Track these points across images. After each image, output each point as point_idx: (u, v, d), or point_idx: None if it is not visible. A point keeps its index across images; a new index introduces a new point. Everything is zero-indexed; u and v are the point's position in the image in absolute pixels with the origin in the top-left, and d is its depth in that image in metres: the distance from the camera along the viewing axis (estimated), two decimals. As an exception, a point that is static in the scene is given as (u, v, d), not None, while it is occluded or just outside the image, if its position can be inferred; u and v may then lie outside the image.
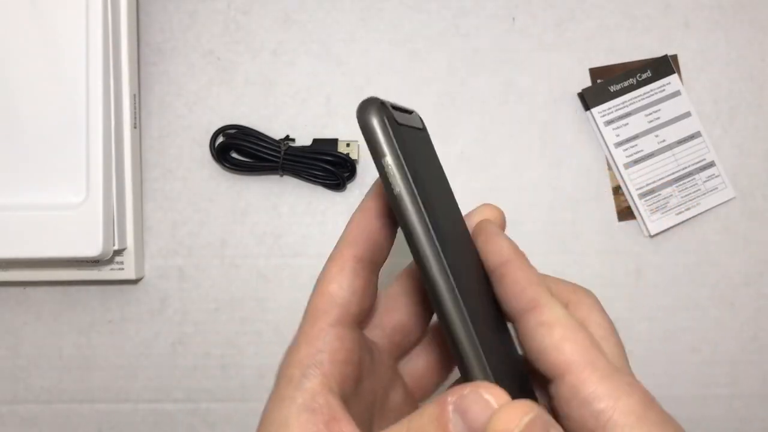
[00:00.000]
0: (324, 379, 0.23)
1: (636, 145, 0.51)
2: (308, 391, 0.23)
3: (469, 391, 0.20)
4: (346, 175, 0.50)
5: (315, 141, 0.50)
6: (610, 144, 0.51)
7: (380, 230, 0.25)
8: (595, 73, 0.52)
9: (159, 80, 0.51)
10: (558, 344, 0.22)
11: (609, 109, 0.51)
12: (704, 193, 0.51)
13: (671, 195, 0.51)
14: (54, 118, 0.45)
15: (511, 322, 0.25)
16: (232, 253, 0.51)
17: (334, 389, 0.23)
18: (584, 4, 0.52)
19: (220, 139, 0.50)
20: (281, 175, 0.51)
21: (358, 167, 0.50)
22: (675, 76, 0.51)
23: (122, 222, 0.47)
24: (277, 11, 0.51)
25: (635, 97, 0.51)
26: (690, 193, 0.51)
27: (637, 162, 0.51)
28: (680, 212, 0.51)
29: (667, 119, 0.51)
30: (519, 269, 0.24)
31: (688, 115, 0.51)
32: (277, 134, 0.50)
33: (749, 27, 0.52)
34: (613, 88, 0.51)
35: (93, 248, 0.44)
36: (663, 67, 0.51)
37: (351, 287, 0.24)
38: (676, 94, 0.51)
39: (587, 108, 0.51)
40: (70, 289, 0.51)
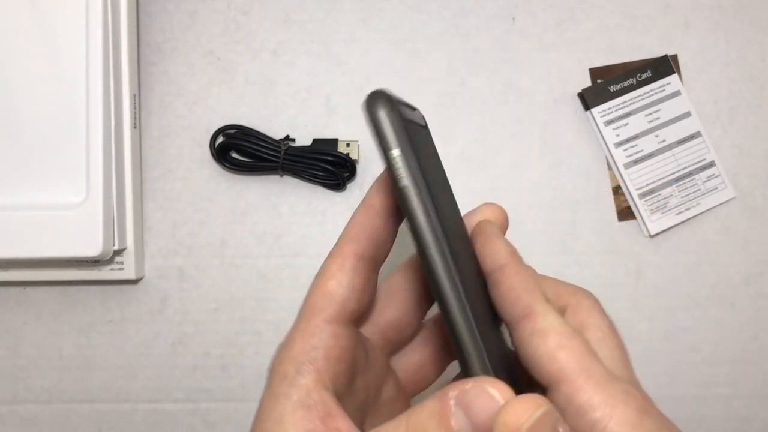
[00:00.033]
0: (318, 376, 0.23)
1: (636, 145, 0.51)
2: (303, 387, 0.23)
3: (472, 385, 0.20)
4: (346, 175, 0.50)
5: (315, 141, 0.50)
6: (610, 144, 0.51)
7: (382, 227, 0.25)
8: (595, 73, 0.52)
9: (159, 80, 0.51)
10: (552, 352, 0.22)
11: (609, 109, 0.51)
12: (704, 193, 0.51)
13: (671, 195, 0.51)
14: (54, 118, 0.45)
15: (506, 326, 0.25)
16: (232, 253, 0.51)
17: (328, 386, 0.23)
18: (584, 4, 0.52)
19: (220, 139, 0.50)
20: (281, 175, 0.51)
21: (358, 167, 0.50)
22: (675, 76, 0.51)
23: (122, 222, 0.47)
24: (277, 11, 0.51)
25: (635, 97, 0.51)
26: (690, 193, 0.51)
27: (637, 162, 0.51)
28: (680, 212, 0.51)
29: (667, 119, 0.51)
30: (515, 275, 0.24)
31: (688, 115, 0.51)
32: (277, 134, 0.50)
33: (749, 27, 0.52)
34: (613, 88, 0.51)
35: (93, 248, 0.44)
36: (663, 67, 0.51)
37: (350, 285, 0.24)
38: (676, 94, 0.51)
39: (587, 108, 0.51)
40: (70, 289, 0.51)
